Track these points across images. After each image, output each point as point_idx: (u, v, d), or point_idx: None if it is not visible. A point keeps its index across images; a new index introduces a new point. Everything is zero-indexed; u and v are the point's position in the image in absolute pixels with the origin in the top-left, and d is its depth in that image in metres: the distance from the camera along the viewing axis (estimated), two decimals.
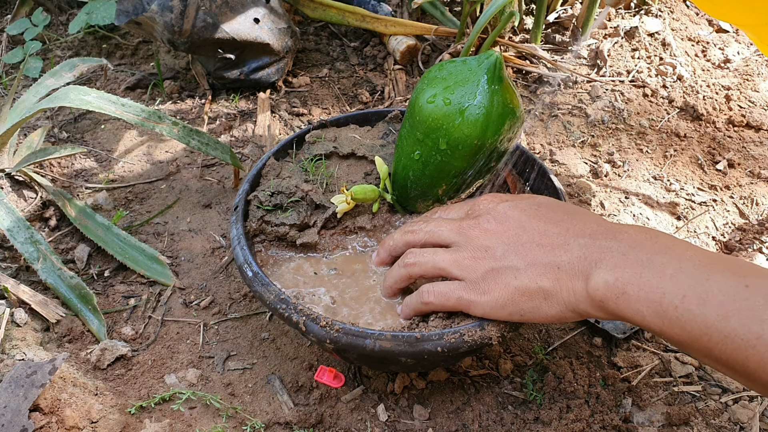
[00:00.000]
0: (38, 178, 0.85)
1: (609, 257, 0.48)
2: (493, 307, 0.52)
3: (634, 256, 0.47)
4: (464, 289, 0.53)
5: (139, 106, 0.80)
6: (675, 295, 0.45)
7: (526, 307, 0.51)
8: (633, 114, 1.03)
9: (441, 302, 0.54)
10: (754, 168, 0.94)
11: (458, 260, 0.54)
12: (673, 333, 0.45)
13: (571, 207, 0.56)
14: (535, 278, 0.50)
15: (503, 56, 0.69)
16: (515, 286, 0.51)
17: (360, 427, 0.63)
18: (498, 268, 0.52)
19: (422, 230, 0.58)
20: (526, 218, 0.54)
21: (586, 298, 0.49)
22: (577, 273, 0.49)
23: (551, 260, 0.50)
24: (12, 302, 0.73)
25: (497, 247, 0.53)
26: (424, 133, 0.61)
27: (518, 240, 0.52)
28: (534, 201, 0.56)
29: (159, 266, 0.78)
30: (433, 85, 0.61)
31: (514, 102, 0.61)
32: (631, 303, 0.46)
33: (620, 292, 0.47)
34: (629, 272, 0.47)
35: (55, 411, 0.62)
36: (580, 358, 0.68)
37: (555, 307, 0.50)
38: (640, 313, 0.46)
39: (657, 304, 0.45)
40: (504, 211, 0.55)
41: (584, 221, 0.52)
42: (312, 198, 0.67)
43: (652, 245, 0.48)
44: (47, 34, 1.19)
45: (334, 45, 1.18)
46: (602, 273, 0.48)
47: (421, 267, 0.56)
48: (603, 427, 0.61)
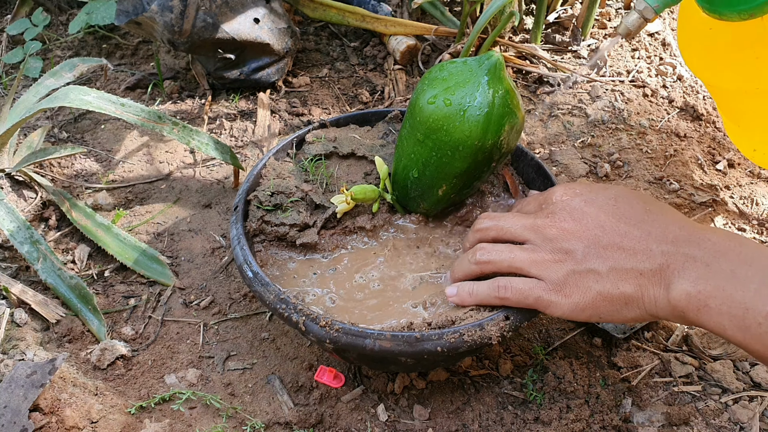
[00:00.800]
0: (38, 178, 0.85)
1: (692, 267, 0.47)
2: (573, 310, 0.51)
3: (717, 267, 0.47)
4: (544, 289, 0.51)
5: (139, 106, 0.80)
6: (759, 312, 0.44)
7: (606, 311, 0.50)
8: (633, 114, 1.03)
9: (518, 299, 0.52)
10: (754, 168, 0.94)
11: (537, 260, 0.52)
12: (755, 348, 0.45)
13: (649, 202, 0.54)
14: (617, 283, 0.49)
15: (503, 56, 0.69)
16: (597, 290, 0.50)
17: (360, 427, 0.63)
18: (579, 270, 0.51)
19: (492, 227, 0.57)
20: (604, 216, 0.52)
21: (666, 307, 0.48)
22: (659, 281, 0.48)
23: (633, 266, 0.49)
24: (12, 302, 0.73)
25: (577, 249, 0.51)
26: (425, 134, 0.61)
27: (599, 242, 0.51)
28: (610, 194, 0.54)
29: (159, 266, 0.78)
30: (434, 86, 0.61)
31: (514, 103, 0.61)
32: (712, 316, 0.46)
33: (702, 305, 0.46)
34: (712, 285, 0.46)
35: (55, 411, 0.62)
36: (580, 358, 0.68)
37: (634, 311, 0.50)
38: (721, 325, 0.46)
39: (739, 319, 0.45)
40: (580, 207, 0.53)
41: (665, 223, 0.51)
42: (312, 198, 0.67)
43: (736, 255, 0.47)
44: (47, 34, 1.19)
45: (334, 45, 1.18)
46: (684, 283, 0.47)
47: (495, 265, 0.54)
48: (603, 427, 0.62)
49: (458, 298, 0.57)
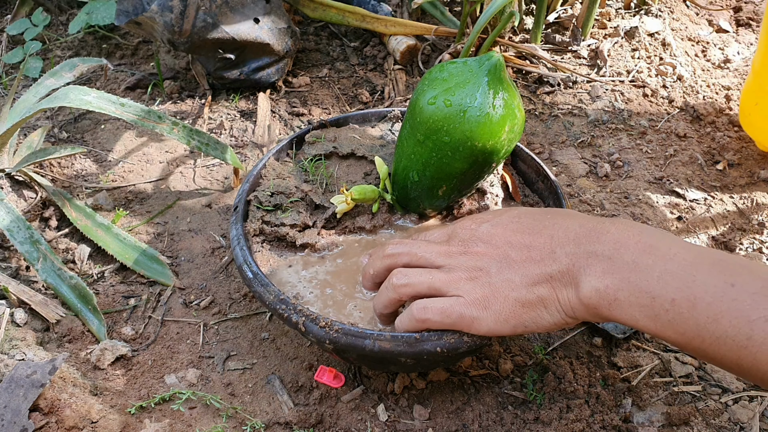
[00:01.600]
0: (38, 178, 0.85)
1: (596, 263, 0.48)
2: (497, 321, 0.51)
3: (619, 259, 0.47)
4: (464, 305, 0.52)
5: (139, 106, 0.80)
6: (665, 299, 0.45)
7: (528, 317, 0.51)
8: (633, 114, 1.03)
9: (440, 319, 0.52)
10: (754, 168, 0.94)
11: (454, 279, 0.53)
12: (668, 335, 0.46)
13: (551, 211, 0.56)
14: (532, 288, 0.50)
15: (503, 56, 0.69)
16: (514, 297, 0.51)
17: (360, 427, 0.63)
18: (494, 282, 0.52)
19: (405, 252, 0.57)
20: (510, 234, 0.53)
21: (579, 306, 0.49)
22: (568, 281, 0.49)
23: (542, 271, 0.51)
24: (12, 302, 0.73)
25: (491, 265, 0.52)
26: (425, 135, 0.61)
27: (509, 258, 0.52)
28: (513, 214, 0.56)
29: (159, 266, 0.78)
30: (434, 87, 0.61)
31: (515, 103, 0.61)
32: (623, 309, 0.47)
33: (612, 299, 0.47)
34: (617, 278, 0.47)
35: (55, 411, 0.62)
36: (580, 358, 0.68)
37: (555, 315, 0.50)
38: (633, 317, 0.46)
39: (648, 308, 0.46)
40: (487, 230, 0.55)
41: (566, 225, 0.52)
42: (312, 198, 0.67)
43: (636, 244, 0.48)
44: (47, 34, 1.19)
45: (334, 45, 1.18)
46: (591, 280, 0.48)
47: (413, 288, 0.54)
48: (603, 427, 0.62)
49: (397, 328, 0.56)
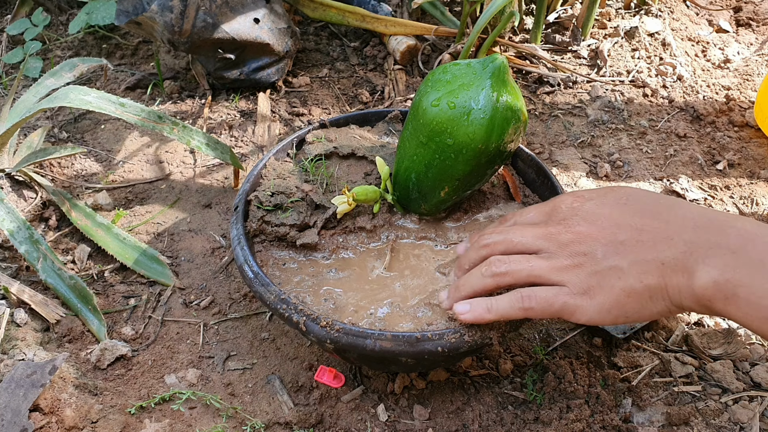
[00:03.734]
0: (38, 178, 0.85)
1: (718, 254, 0.45)
2: (599, 311, 0.49)
3: (745, 255, 0.45)
4: (568, 294, 0.49)
5: (139, 106, 0.80)
6: None
7: (632, 308, 0.48)
8: (633, 114, 1.03)
9: (543, 308, 0.50)
10: (754, 168, 0.94)
11: (556, 267, 0.50)
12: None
13: (661, 196, 0.52)
14: (640, 276, 0.48)
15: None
16: (620, 287, 0.48)
17: (360, 427, 0.63)
18: (601, 270, 0.49)
19: (501, 241, 0.54)
20: (618, 214, 0.50)
21: (691, 296, 0.46)
22: (684, 268, 0.46)
23: (655, 256, 0.47)
24: (12, 302, 0.73)
25: (596, 249, 0.49)
26: (428, 136, 0.61)
27: (616, 239, 0.49)
28: (621, 194, 0.52)
29: (159, 266, 0.78)
30: (437, 88, 0.61)
31: (518, 106, 0.60)
32: (740, 306, 0.44)
33: (730, 294, 0.44)
34: (741, 273, 0.44)
35: (55, 411, 0.62)
36: (580, 358, 0.69)
37: (660, 304, 0.48)
38: (749, 316, 0.44)
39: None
40: (592, 209, 0.51)
41: (683, 212, 0.49)
42: (312, 198, 0.67)
43: (764, 244, 0.45)
44: (47, 34, 1.19)
45: (334, 45, 1.18)
46: (711, 271, 0.45)
47: (512, 276, 0.52)
48: (603, 427, 0.62)
49: (472, 314, 0.53)
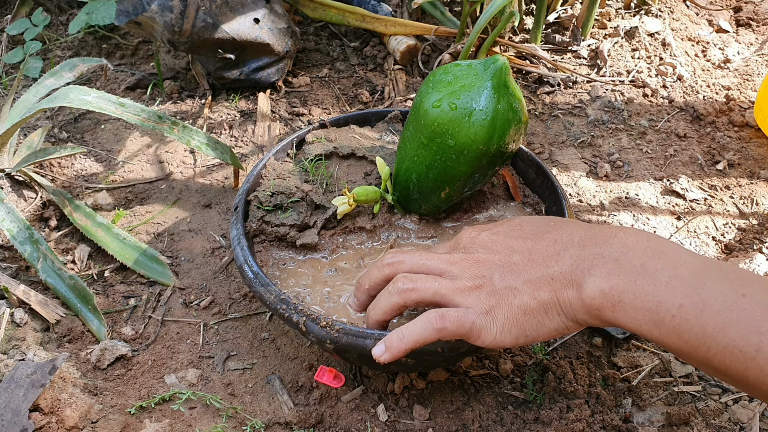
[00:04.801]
0: (38, 178, 0.85)
1: (601, 264, 0.48)
2: (501, 332, 0.51)
3: (626, 262, 0.47)
4: (475, 314, 0.51)
5: (139, 106, 0.80)
6: (671, 304, 0.44)
7: (529, 326, 0.50)
8: (633, 114, 1.03)
9: (456, 328, 0.51)
10: (754, 168, 0.94)
11: (460, 288, 0.52)
12: (671, 342, 0.45)
13: (553, 219, 0.55)
14: (533, 293, 0.50)
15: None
16: (517, 305, 0.50)
17: (360, 427, 0.63)
18: (498, 290, 0.51)
19: (406, 261, 0.56)
20: (512, 240, 0.53)
21: (582, 307, 0.48)
22: (571, 282, 0.49)
23: (544, 273, 0.50)
24: (12, 302, 0.73)
25: (493, 272, 0.52)
26: (429, 137, 0.61)
27: (510, 261, 0.52)
28: (514, 222, 0.56)
29: (159, 266, 0.78)
30: (439, 89, 0.61)
31: (519, 107, 0.60)
32: (627, 311, 0.46)
33: (616, 301, 0.46)
34: (624, 279, 0.46)
35: (55, 411, 0.62)
36: (580, 358, 0.69)
37: (555, 319, 0.50)
38: (636, 321, 0.46)
39: (653, 312, 0.45)
40: (488, 238, 0.54)
41: (570, 230, 0.52)
42: (312, 198, 0.67)
43: (644, 249, 0.47)
44: (47, 34, 1.19)
45: (334, 45, 1.18)
46: (596, 280, 0.47)
47: (419, 293, 0.53)
48: (603, 427, 0.62)
49: (389, 353, 0.52)
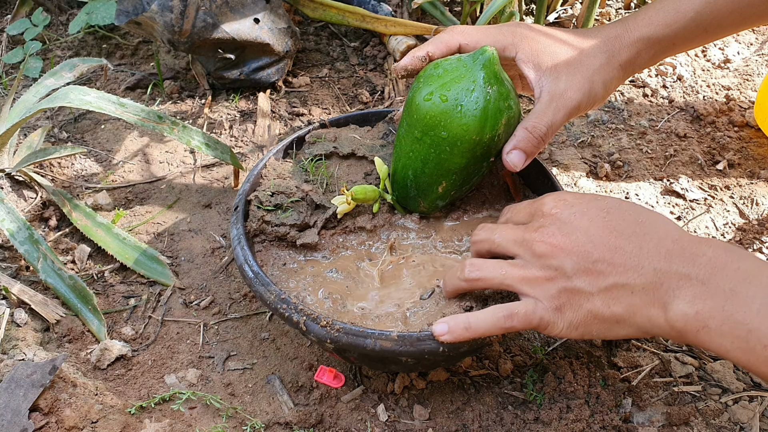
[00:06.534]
0: (38, 178, 0.85)
1: (688, 286, 0.46)
2: (568, 328, 0.50)
3: (715, 285, 0.45)
4: (544, 309, 0.51)
5: (139, 106, 0.80)
6: (763, 334, 0.42)
7: (597, 329, 0.50)
8: (633, 114, 1.03)
9: (523, 325, 0.51)
10: (754, 168, 0.94)
11: (528, 278, 0.51)
12: (763, 371, 0.43)
13: (642, 213, 0.52)
14: (608, 303, 0.49)
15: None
16: (588, 308, 0.49)
17: (360, 427, 0.63)
18: (570, 288, 0.50)
19: (486, 239, 0.56)
20: (595, 229, 0.50)
21: (664, 326, 0.47)
22: (653, 300, 0.47)
23: (624, 282, 0.48)
24: (12, 302, 0.73)
25: (567, 265, 0.50)
26: (422, 131, 0.61)
27: (588, 258, 0.49)
28: (602, 205, 0.52)
29: (159, 266, 0.78)
30: (429, 83, 0.61)
31: (510, 96, 0.61)
32: (713, 338, 0.44)
33: (701, 326, 0.45)
34: (710, 304, 0.44)
35: (55, 411, 0.62)
36: (580, 358, 0.69)
37: (626, 330, 0.49)
38: (723, 347, 0.44)
39: (743, 341, 0.43)
40: (570, 220, 0.52)
41: (658, 236, 0.49)
42: (312, 198, 0.67)
43: (735, 271, 0.45)
44: (47, 34, 1.19)
45: (334, 45, 1.18)
46: (681, 304, 0.45)
47: (485, 282, 0.53)
48: (603, 427, 0.62)
49: (450, 336, 0.52)
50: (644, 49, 0.65)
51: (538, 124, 0.60)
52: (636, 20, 0.65)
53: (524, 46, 0.63)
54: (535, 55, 0.63)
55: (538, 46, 0.63)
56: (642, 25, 0.65)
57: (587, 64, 0.63)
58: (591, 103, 0.63)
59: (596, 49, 0.64)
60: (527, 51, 0.63)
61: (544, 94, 0.62)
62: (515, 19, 0.92)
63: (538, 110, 0.61)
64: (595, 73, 0.63)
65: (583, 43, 0.64)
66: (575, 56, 0.63)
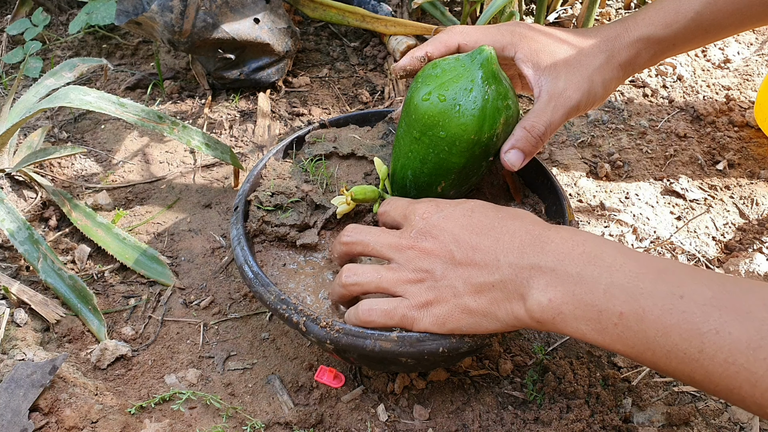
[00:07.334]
0: (38, 178, 0.85)
1: (539, 275, 0.48)
2: (434, 323, 0.52)
3: (563, 271, 0.47)
4: (408, 307, 0.53)
5: (139, 106, 0.80)
6: (612, 313, 0.44)
7: (466, 323, 0.51)
8: (633, 114, 1.03)
9: (384, 320, 0.54)
10: (754, 168, 0.94)
11: (401, 280, 0.54)
12: (617, 348, 0.45)
13: (503, 211, 0.55)
14: (474, 296, 0.51)
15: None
16: (455, 303, 0.51)
17: (360, 427, 0.63)
18: (438, 286, 0.52)
19: (359, 242, 0.58)
20: (459, 230, 0.53)
21: (525, 318, 0.49)
22: (512, 293, 0.49)
23: (485, 279, 0.50)
24: (12, 302, 0.73)
25: (436, 267, 0.53)
26: (421, 131, 0.61)
27: (453, 258, 0.52)
28: (467, 207, 0.56)
29: (159, 266, 0.78)
30: (428, 83, 0.61)
31: (509, 96, 0.61)
32: (568, 322, 0.46)
33: (556, 313, 0.46)
34: (561, 290, 0.46)
35: (54, 411, 0.62)
36: (580, 358, 0.69)
37: (494, 323, 0.51)
38: (580, 330, 0.46)
39: (595, 322, 0.45)
40: (437, 224, 0.55)
41: (513, 229, 0.52)
42: (312, 198, 0.67)
43: (580, 255, 0.47)
44: (47, 34, 1.19)
45: (334, 45, 1.18)
46: (536, 293, 0.47)
47: (361, 287, 0.56)
48: (603, 427, 0.62)
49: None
50: (644, 49, 0.65)
51: (536, 124, 0.61)
52: (636, 20, 0.65)
53: (523, 46, 0.63)
54: (534, 54, 0.63)
55: (537, 46, 0.63)
56: (642, 25, 0.65)
57: (587, 63, 0.63)
58: (590, 102, 0.63)
59: (596, 49, 0.64)
60: (526, 50, 0.63)
61: (543, 93, 0.62)
62: (515, 18, 0.92)
63: (537, 109, 0.61)
64: (595, 72, 0.63)
65: (583, 42, 0.64)
66: (575, 55, 0.63)
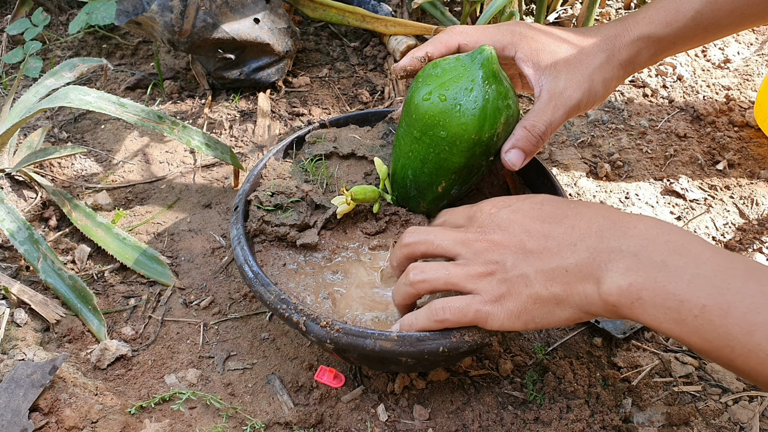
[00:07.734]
0: (38, 178, 0.85)
1: (620, 258, 0.46)
2: (509, 317, 0.51)
3: (646, 257, 0.46)
4: (481, 302, 0.51)
5: (139, 106, 0.80)
6: (694, 304, 0.43)
7: (539, 314, 0.50)
8: (633, 114, 1.03)
9: (458, 318, 0.52)
10: (754, 168, 0.94)
11: (471, 274, 0.52)
12: (693, 341, 0.44)
13: (574, 202, 0.54)
14: (546, 284, 0.49)
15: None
16: (527, 294, 0.50)
17: (360, 427, 0.63)
18: (510, 278, 0.51)
19: (422, 241, 0.56)
20: (529, 221, 0.52)
21: (598, 302, 0.47)
22: (587, 276, 0.48)
23: (559, 263, 0.49)
24: (12, 302, 0.73)
25: (506, 258, 0.51)
26: (421, 131, 0.61)
27: (525, 247, 0.51)
28: (536, 200, 0.55)
29: (159, 266, 0.78)
30: (428, 83, 0.61)
31: (509, 95, 0.61)
32: (646, 309, 0.45)
33: (635, 298, 0.45)
34: (643, 276, 0.45)
35: (54, 411, 0.62)
36: (580, 358, 0.69)
37: (567, 311, 0.49)
38: (656, 319, 0.45)
39: (675, 311, 0.44)
40: (507, 217, 0.53)
41: (590, 216, 0.51)
42: (312, 198, 0.67)
43: (665, 243, 0.46)
44: (47, 34, 1.19)
45: (334, 45, 1.18)
46: (614, 276, 0.46)
47: (430, 284, 0.54)
48: (603, 427, 0.62)
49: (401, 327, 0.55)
50: (644, 48, 0.65)
51: (536, 123, 0.61)
52: (636, 19, 0.65)
53: (523, 45, 0.63)
54: (535, 53, 0.63)
55: (538, 45, 0.63)
56: (642, 24, 0.65)
57: (587, 62, 0.63)
58: (591, 102, 0.63)
59: (596, 48, 0.64)
60: (526, 50, 0.63)
61: (544, 92, 0.62)
62: (515, 18, 0.92)
63: (537, 109, 0.61)
64: (595, 71, 0.63)
65: (583, 41, 0.64)
66: (575, 55, 0.63)
